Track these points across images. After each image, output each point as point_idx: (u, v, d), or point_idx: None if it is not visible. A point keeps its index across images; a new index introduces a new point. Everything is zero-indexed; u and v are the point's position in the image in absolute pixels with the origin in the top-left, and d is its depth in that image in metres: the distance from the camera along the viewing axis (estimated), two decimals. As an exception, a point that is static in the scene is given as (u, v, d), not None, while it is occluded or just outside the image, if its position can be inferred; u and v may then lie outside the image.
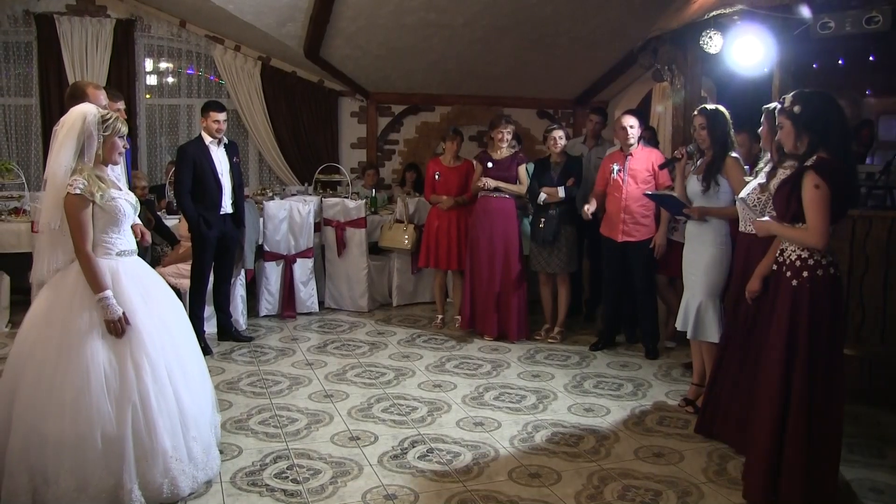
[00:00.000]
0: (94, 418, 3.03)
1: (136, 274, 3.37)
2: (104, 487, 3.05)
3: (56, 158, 3.21)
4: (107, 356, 3.12)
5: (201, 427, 3.40)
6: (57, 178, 3.19)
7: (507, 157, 6.02)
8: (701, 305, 4.37)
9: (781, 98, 3.36)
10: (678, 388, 4.95)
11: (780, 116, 3.32)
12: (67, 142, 3.20)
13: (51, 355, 3.08)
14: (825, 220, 3.08)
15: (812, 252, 3.17)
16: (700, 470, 3.72)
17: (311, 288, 6.89)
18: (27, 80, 7.93)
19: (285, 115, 8.63)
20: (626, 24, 7.44)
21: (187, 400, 3.31)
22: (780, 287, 3.27)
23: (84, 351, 3.08)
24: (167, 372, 3.24)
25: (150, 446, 3.13)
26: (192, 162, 5.52)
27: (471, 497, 3.41)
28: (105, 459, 3.05)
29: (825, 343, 3.14)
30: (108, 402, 3.07)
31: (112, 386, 3.09)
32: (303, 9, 7.17)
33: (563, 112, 9.94)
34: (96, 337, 3.12)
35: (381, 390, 4.87)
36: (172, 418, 3.22)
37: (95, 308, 3.15)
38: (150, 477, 3.14)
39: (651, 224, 5.48)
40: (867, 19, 4.42)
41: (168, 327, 3.37)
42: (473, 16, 7.31)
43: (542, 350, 5.82)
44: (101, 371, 3.08)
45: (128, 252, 3.36)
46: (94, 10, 7.87)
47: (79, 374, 3.05)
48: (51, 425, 3.01)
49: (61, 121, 3.33)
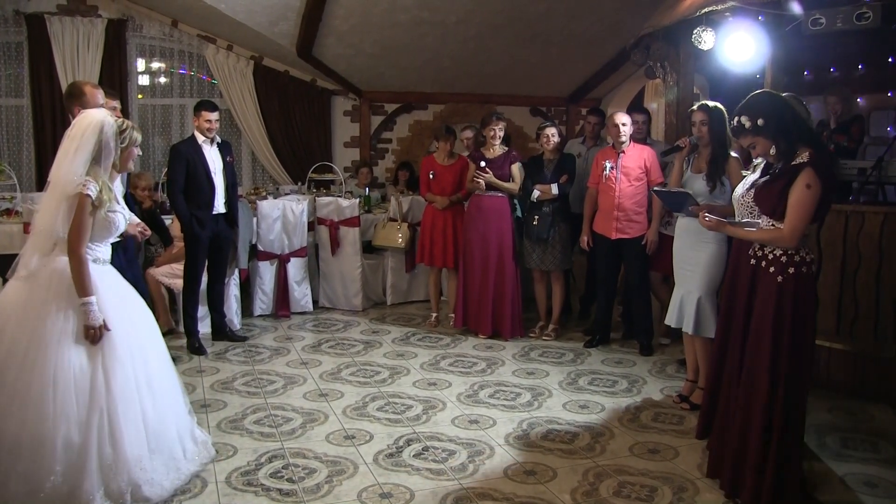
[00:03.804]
0: (57, 423, 2.97)
1: (111, 283, 3.34)
2: (58, 494, 2.97)
3: (68, 164, 3.16)
4: (79, 361, 3.06)
5: (168, 437, 3.35)
6: (67, 184, 3.14)
7: (500, 155, 6.01)
8: (700, 301, 4.38)
9: (736, 121, 3.27)
10: (673, 384, 4.96)
11: (746, 138, 3.26)
12: (83, 148, 3.17)
13: (18, 355, 3.02)
14: (805, 222, 3.09)
15: (798, 248, 3.16)
16: (695, 466, 3.73)
17: (306, 287, 6.88)
18: (18, 81, 7.89)
19: (278, 115, 8.61)
20: (618, 21, 7.46)
21: (152, 411, 3.26)
22: (760, 283, 3.23)
23: (54, 353, 3.02)
24: (136, 382, 3.19)
25: (114, 455, 3.07)
26: (185, 161, 5.50)
27: (466, 495, 3.42)
28: (63, 465, 2.98)
29: (806, 339, 3.16)
30: (76, 407, 3.01)
31: (82, 391, 3.03)
32: (295, 7, 7.15)
33: (557, 110, 9.94)
34: (69, 341, 3.06)
35: (375, 389, 4.86)
36: (138, 428, 3.17)
37: (72, 311, 3.10)
38: (113, 486, 3.07)
39: (644, 221, 5.50)
40: (858, 15, 4.42)
41: (139, 337, 3.33)
42: (466, 14, 7.31)
43: (537, 347, 5.82)
44: (70, 375, 3.02)
45: (103, 261, 3.34)
46: (86, 9, 7.82)
47: (46, 376, 2.99)
48: (9, 426, 2.95)
49: (75, 123, 3.28)
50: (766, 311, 3.17)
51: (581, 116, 9.25)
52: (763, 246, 3.26)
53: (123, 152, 3.32)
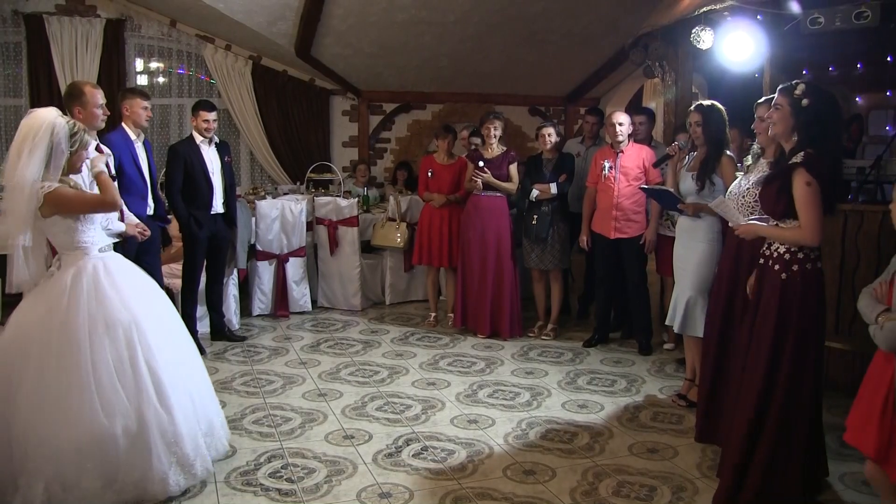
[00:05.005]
0: (111, 415, 3.04)
1: (124, 268, 3.38)
2: (131, 480, 3.08)
3: (22, 169, 3.08)
4: (115, 352, 3.11)
5: (209, 416, 3.50)
6: (25, 190, 3.08)
7: (499, 155, 6.01)
8: (690, 300, 4.38)
9: (793, 82, 3.21)
10: (672, 383, 4.96)
11: (783, 98, 3.19)
12: (36, 152, 3.10)
13: (50, 360, 3.05)
14: (819, 217, 3.04)
15: (803, 246, 3.15)
16: (694, 465, 3.73)
17: (304, 287, 6.88)
18: (16, 81, 7.88)
19: (276, 114, 8.60)
20: (617, 20, 7.46)
21: (194, 389, 3.41)
22: (766, 280, 3.23)
23: (87, 350, 3.06)
24: (174, 361, 3.31)
25: (173, 430, 3.18)
26: (183, 161, 5.51)
27: (465, 494, 3.42)
28: (127, 453, 3.07)
29: (813, 337, 3.14)
30: (123, 396, 3.08)
31: (126, 379, 3.11)
32: (293, 7, 7.15)
33: (555, 109, 9.94)
34: (100, 334, 3.11)
35: (374, 389, 4.86)
36: (187, 405, 3.30)
37: (94, 305, 3.13)
38: (181, 460, 3.21)
39: (642, 220, 5.50)
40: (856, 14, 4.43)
41: (162, 320, 3.41)
42: (464, 13, 7.31)
43: (536, 347, 5.82)
44: (109, 367, 3.08)
45: (105, 247, 3.37)
46: (84, 9, 7.81)
47: (83, 374, 3.04)
48: (64, 432, 2.99)
49: (23, 123, 3.18)
50: (770, 309, 3.16)
51: (579, 116, 9.24)
52: (770, 244, 3.25)
53: (73, 156, 3.25)
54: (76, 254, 3.26)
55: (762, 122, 3.68)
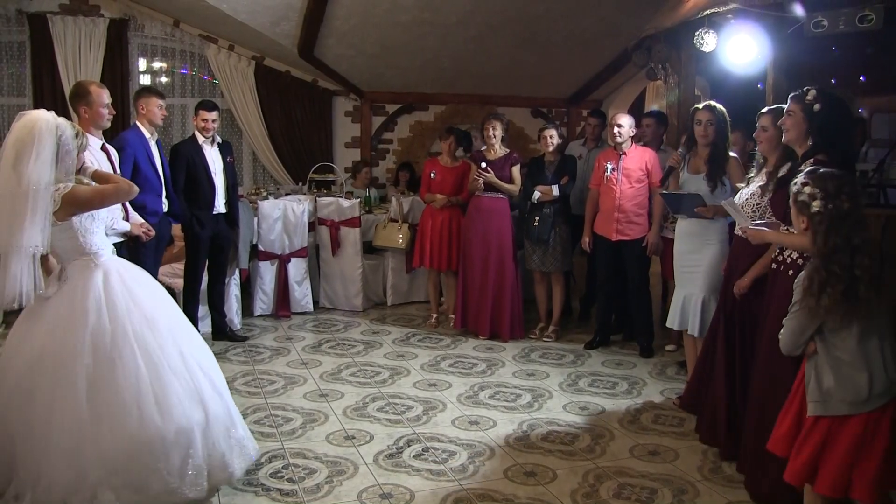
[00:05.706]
0: (165, 414, 3.01)
1: (132, 273, 3.33)
2: (200, 473, 3.08)
3: (31, 173, 2.94)
4: (161, 347, 3.11)
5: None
6: (39, 194, 2.94)
7: (501, 156, 6.01)
8: (704, 302, 4.38)
9: (804, 88, 3.26)
10: (673, 386, 4.96)
11: (795, 104, 3.25)
12: (43, 155, 2.97)
13: (85, 369, 2.96)
14: None
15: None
16: (695, 468, 3.73)
17: (306, 287, 6.88)
18: (20, 80, 7.88)
19: (279, 115, 8.60)
20: (619, 22, 7.45)
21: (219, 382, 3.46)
22: (780, 286, 3.22)
23: (136, 351, 3.03)
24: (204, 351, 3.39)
25: (228, 416, 3.30)
26: (186, 161, 5.52)
27: (466, 496, 3.42)
28: (189, 448, 3.06)
29: None
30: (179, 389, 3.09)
31: (178, 371, 3.12)
32: (296, 8, 7.15)
33: (557, 111, 9.94)
34: (144, 332, 3.08)
35: (376, 389, 4.86)
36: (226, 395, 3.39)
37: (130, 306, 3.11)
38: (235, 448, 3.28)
39: (644, 222, 5.50)
40: (860, 18, 4.43)
41: (180, 317, 3.43)
42: (467, 14, 7.31)
43: (537, 349, 5.82)
44: (162, 362, 3.08)
45: (112, 251, 3.34)
46: (88, 9, 7.82)
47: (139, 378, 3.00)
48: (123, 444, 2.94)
49: (15, 127, 3.08)
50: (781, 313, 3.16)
51: (582, 118, 9.25)
52: (783, 250, 3.26)
53: (76, 158, 3.18)
54: (85, 260, 3.15)
55: (764, 131, 3.69)
